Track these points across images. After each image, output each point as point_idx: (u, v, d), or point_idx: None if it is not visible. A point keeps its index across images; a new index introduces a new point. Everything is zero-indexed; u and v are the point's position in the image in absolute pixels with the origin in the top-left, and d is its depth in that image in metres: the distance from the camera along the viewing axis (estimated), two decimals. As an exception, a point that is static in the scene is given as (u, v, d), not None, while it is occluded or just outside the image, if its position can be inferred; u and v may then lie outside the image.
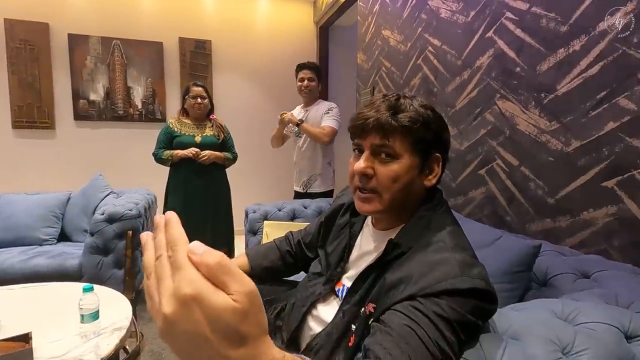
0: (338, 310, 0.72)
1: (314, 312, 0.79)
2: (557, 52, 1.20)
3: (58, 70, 3.18)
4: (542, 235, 1.26)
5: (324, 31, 3.83)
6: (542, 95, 1.25)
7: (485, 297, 0.56)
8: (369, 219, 0.80)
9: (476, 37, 1.56)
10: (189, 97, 2.24)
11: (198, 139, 2.24)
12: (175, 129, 2.25)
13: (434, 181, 0.70)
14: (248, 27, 3.69)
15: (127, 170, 2.35)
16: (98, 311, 1.18)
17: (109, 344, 1.07)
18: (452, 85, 1.73)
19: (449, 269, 0.57)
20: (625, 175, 1.01)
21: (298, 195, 2.43)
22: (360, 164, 0.67)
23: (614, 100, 1.03)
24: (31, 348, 0.97)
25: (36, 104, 3.12)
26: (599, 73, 1.07)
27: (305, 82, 2.31)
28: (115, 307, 1.28)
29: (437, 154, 0.70)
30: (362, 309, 0.66)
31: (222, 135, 2.33)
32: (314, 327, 0.77)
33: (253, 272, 0.96)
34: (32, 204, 2.21)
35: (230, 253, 2.41)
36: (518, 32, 1.35)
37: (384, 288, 0.62)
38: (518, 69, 1.35)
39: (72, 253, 1.97)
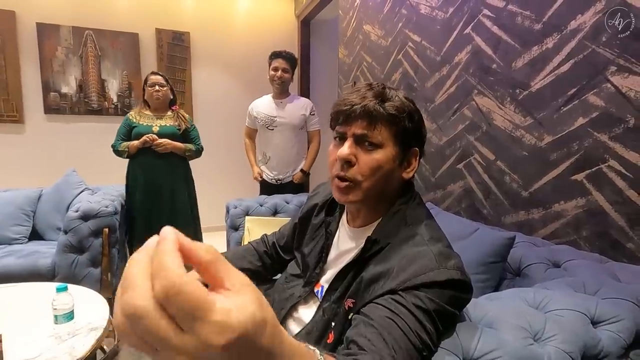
0: (318, 309, 0.73)
1: (295, 314, 0.79)
2: (531, 50, 1.23)
3: (26, 61, 3.03)
4: (516, 227, 1.30)
5: (305, 25, 3.80)
6: (517, 91, 1.29)
7: (462, 287, 0.58)
8: (344, 218, 0.80)
9: (455, 33, 1.59)
10: (147, 86, 2.14)
11: (156, 128, 2.12)
12: (134, 120, 2.15)
13: (411, 174, 0.71)
14: (228, 19, 3.62)
15: (102, 166, 2.26)
16: (73, 311, 1.14)
17: (84, 345, 1.04)
18: (432, 81, 1.76)
19: (426, 262, 0.58)
20: (594, 169, 1.06)
21: (269, 185, 2.38)
22: (345, 150, 0.66)
23: (583, 97, 1.08)
24: (1, 350, 0.93)
25: (2, 96, 2.96)
26: (570, 70, 1.11)
27: (280, 72, 2.23)
28: (91, 307, 1.24)
29: (416, 148, 0.71)
30: (342, 306, 0.67)
31: (184, 126, 2.21)
32: (295, 328, 0.77)
33: None
34: (1, 202, 2.11)
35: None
36: (495, 29, 1.38)
37: (364, 283, 0.63)
38: (494, 65, 1.38)
39: (45, 252, 1.90)
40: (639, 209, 0.96)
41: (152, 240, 0.25)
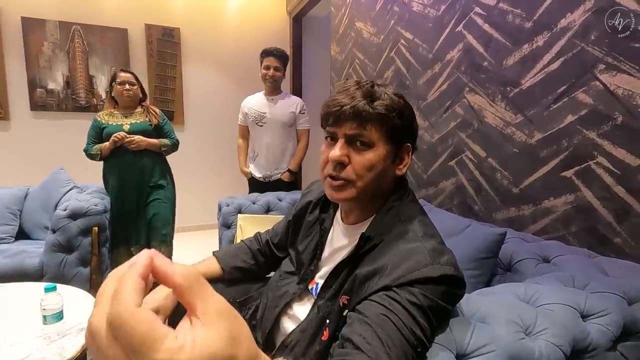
0: (312, 306, 0.73)
1: (289, 311, 0.79)
2: (522, 48, 1.25)
3: (11, 57, 2.95)
4: (507, 223, 1.32)
5: (297, 22, 3.78)
6: (508, 89, 1.30)
7: (455, 282, 0.58)
8: (338, 215, 0.80)
9: (446, 31, 1.60)
10: (116, 84, 2.06)
11: (126, 126, 2.06)
12: (103, 121, 2.09)
13: (404, 170, 0.71)
14: (219, 15, 3.58)
15: (91, 163, 2.22)
16: (62, 311, 1.12)
17: (74, 345, 1.02)
18: (424, 78, 1.76)
19: (420, 258, 0.58)
20: (582, 166, 1.07)
21: (257, 183, 2.37)
22: (336, 152, 0.66)
23: (573, 95, 1.09)
24: (-12, 353, 0.91)
25: (-13, 92, 2.89)
26: (560, 68, 1.13)
27: (271, 71, 2.22)
28: (81, 307, 1.22)
29: (408, 144, 0.71)
30: (336, 303, 0.67)
31: (156, 121, 2.14)
32: (289, 326, 0.77)
33: (225, 274, 0.92)
34: (-15, 201, 2.06)
35: (169, 253, 2.26)
36: (486, 27, 1.39)
37: (358, 280, 0.63)
38: (486, 63, 1.39)
39: (32, 251, 1.86)
40: (626, 205, 0.98)
41: (132, 259, 0.24)
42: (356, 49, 2.43)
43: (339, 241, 0.76)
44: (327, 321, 0.67)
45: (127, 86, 2.05)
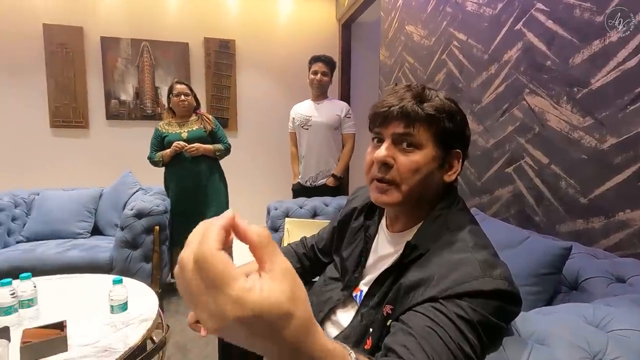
0: (356, 314, 0.72)
1: (333, 317, 0.79)
2: (591, 44, 1.13)
3: (91, 72, 3.33)
4: (573, 236, 1.20)
5: (346, 28, 3.81)
6: (575, 89, 1.19)
7: (509, 298, 0.54)
8: (383, 222, 0.78)
9: (504, 30, 1.51)
10: (172, 96, 2.26)
11: (184, 134, 2.27)
12: (164, 131, 2.30)
13: (453, 177, 0.68)
14: (271, 25, 3.73)
15: (155, 167, 2.45)
16: (127, 303, 1.23)
17: (137, 334, 1.11)
18: (478, 81, 1.68)
19: (470, 270, 0.55)
20: (667, 174, 0.95)
21: (302, 189, 2.41)
22: (382, 152, 0.64)
23: (654, 94, 0.97)
24: (65, 335, 1.02)
25: (72, 104, 3.28)
26: (638, 65, 1.01)
27: (319, 75, 2.29)
28: (142, 300, 1.33)
29: (458, 150, 0.68)
30: (380, 312, 0.65)
31: (209, 127, 2.32)
32: (332, 331, 0.77)
33: None
34: (67, 200, 2.34)
35: (230, 252, 2.39)
36: (549, 23, 1.29)
37: (403, 290, 0.61)
38: (549, 62, 1.29)
39: (104, 246, 2.06)
40: None
41: (224, 214, 0.28)
42: (406, 53, 2.38)
43: (384, 249, 0.75)
44: (371, 330, 0.66)
45: (182, 97, 2.25)
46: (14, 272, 1.47)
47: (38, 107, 3.23)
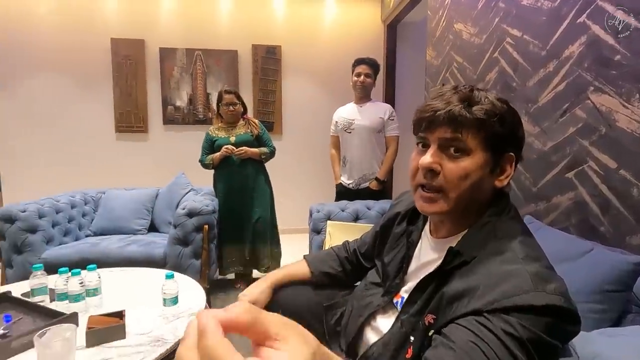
0: (396, 320, 0.70)
1: (373, 322, 0.78)
2: (671, 34, 1.01)
3: (151, 81, 3.61)
4: (647, 250, 1.07)
5: (392, 29, 3.75)
6: (650, 85, 1.07)
7: (565, 315, 0.50)
8: (427, 228, 0.76)
9: (565, 23, 1.39)
10: (222, 105, 2.38)
11: (232, 138, 2.38)
12: (214, 135, 2.44)
13: (505, 182, 0.64)
14: (316, 30, 3.78)
15: (206, 170, 2.61)
16: (177, 297, 1.31)
17: (185, 327, 1.17)
18: (535, 79, 1.56)
19: (520, 283, 0.51)
20: None
21: (345, 190, 2.39)
22: (427, 158, 0.62)
23: None
24: (124, 324, 1.11)
25: (133, 110, 3.58)
26: None
27: (362, 77, 2.28)
28: (191, 294, 1.40)
29: (511, 153, 0.63)
30: (421, 320, 0.63)
31: (256, 132, 2.42)
32: (372, 337, 0.76)
33: (313, 277, 0.96)
34: (129, 199, 2.54)
35: (275, 250, 2.47)
36: (619, 13, 1.16)
37: (445, 299, 0.58)
38: (618, 57, 1.17)
39: (159, 243, 2.22)
40: None
41: (201, 320, 0.24)
42: (454, 52, 2.29)
43: (427, 255, 0.72)
44: (412, 339, 0.64)
45: (230, 107, 2.38)
46: (82, 263, 1.63)
47: (105, 114, 3.56)
